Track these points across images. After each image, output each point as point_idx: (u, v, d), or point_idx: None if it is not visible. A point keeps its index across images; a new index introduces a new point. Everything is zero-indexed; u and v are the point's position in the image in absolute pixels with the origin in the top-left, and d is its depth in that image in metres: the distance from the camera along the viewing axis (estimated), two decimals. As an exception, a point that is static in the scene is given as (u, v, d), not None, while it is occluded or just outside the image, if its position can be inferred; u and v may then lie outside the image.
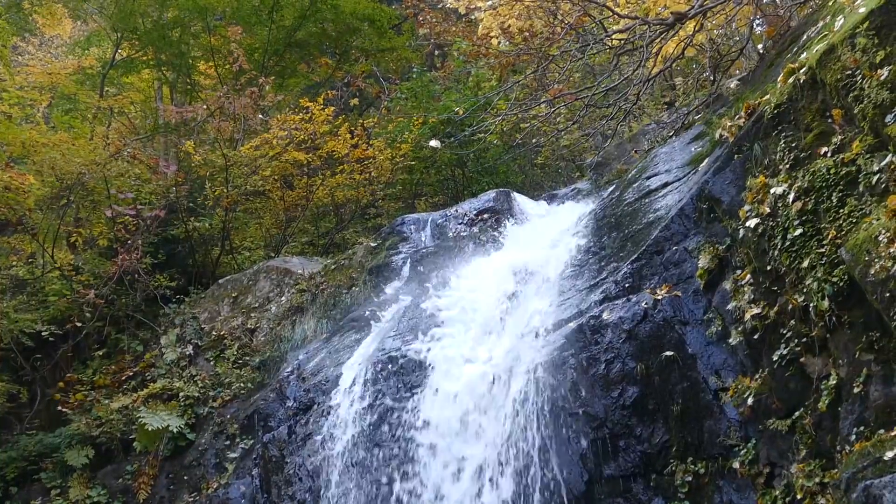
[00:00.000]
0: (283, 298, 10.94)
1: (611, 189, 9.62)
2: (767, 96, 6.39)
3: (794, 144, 5.83)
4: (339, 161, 13.71)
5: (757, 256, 5.98)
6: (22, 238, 12.22)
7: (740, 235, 6.18)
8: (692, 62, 15.81)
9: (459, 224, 10.41)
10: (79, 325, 11.15)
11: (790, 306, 5.52)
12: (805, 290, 5.37)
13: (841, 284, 5.07)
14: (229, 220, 13.25)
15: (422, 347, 8.01)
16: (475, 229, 10.24)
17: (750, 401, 5.81)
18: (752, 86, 8.24)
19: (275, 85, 14.98)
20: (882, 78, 5.01)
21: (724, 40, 12.83)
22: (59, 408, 10.52)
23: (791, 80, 5.96)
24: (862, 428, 4.82)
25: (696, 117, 10.20)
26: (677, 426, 6.22)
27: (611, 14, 10.03)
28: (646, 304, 6.62)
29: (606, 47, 10.61)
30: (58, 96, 17.25)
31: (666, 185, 8.02)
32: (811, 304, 5.28)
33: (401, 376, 7.89)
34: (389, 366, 8.02)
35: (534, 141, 13.71)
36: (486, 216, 10.39)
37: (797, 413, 5.48)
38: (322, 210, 15.08)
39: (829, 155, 5.46)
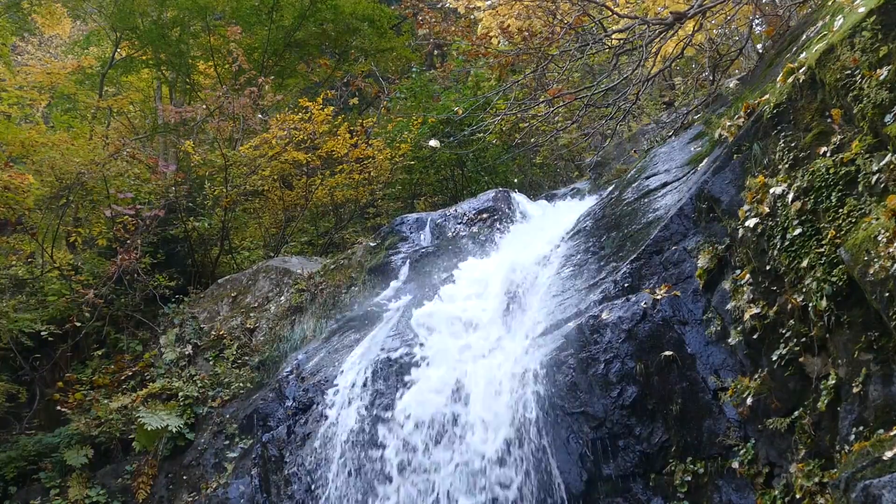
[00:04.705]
0: (282, 298, 10.94)
1: (610, 189, 9.62)
2: (767, 96, 6.40)
3: (793, 144, 5.83)
4: (338, 161, 13.71)
5: (756, 256, 5.98)
6: (21, 238, 12.22)
7: (739, 235, 6.18)
8: (691, 62, 15.84)
9: (459, 224, 10.41)
10: (78, 324, 11.14)
11: (789, 306, 5.52)
12: (804, 289, 5.37)
13: (840, 284, 5.07)
14: (228, 220, 13.25)
15: (420, 347, 8.00)
16: (474, 229, 10.24)
17: (749, 400, 5.81)
18: (752, 85, 8.25)
19: (274, 85, 14.98)
20: (881, 77, 5.01)
21: (724, 40, 12.84)
22: (59, 408, 10.51)
23: (790, 79, 5.97)
24: (861, 428, 4.82)
25: (696, 117, 10.21)
26: (676, 426, 6.22)
27: (610, 14, 10.03)
28: (645, 303, 6.62)
29: (606, 47, 10.62)
30: (57, 96, 17.25)
31: (665, 184, 8.02)
32: (810, 304, 5.29)
33: (399, 376, 7.88)
34: (388, 365, 8.02)
35: (533, 140, 13.71)
36: (485, 216, 10.39)
37: (796, 413, 5.48)
38: (321, 210, 15.08)
39: (828, 155, 5.46)
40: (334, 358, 9.01)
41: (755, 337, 5.87)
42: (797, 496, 5.28)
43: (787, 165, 5.82)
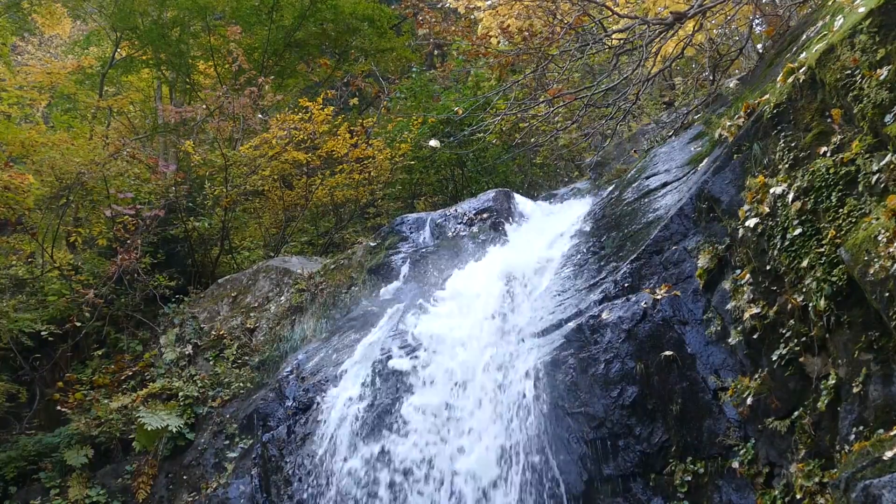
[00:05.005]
0: (282, 298, 10.94)
1: (610, 189, 9.62)
2: (767, 96, 6.40)
3: (793, 144, 5.83)
4: (338, 161, 13.71)
5: (756, 256, 5.98)
6: (21, 238, 12.22)
7: (740, 235, 6.19)
8: (691, 62, 15.84)
9: (459, 224, 10.41)
10: (78, 324, 11.14)
11: (789, 306, 5.52)
12: (804, 289, 5.37)
13: (840, 284, 5.07)
14: (228, 220, 13.24)
15: (420, 348, 8.00)
16: (474, 229, 10.24)
17: (749, 400, 5.81)
18: (752, 85, 8.25)
19: (274, 85, 14.97)
20: (881, 77, 5.01)
21: (724, 40, 12.85)
22: (59, 407, 10.51)
23: (790, 79, 5.97)
24: (861, 428, 4.82)
25: (696, 117, 10.21)
26: (676, 426, 6.23)
27: (610, 14, 10.03)
28: (645, 303, 6.63)
29: (606, 47, 10.62)
30: (57, 96, 17.24)
31: (665, 184, 8.02)
32: (810, 304, 5.29)
33: (399, 376, 7.88)
34: (388, 365, 8.02)
35: (533, 140, 13.71)
36: (485, 216, 10.39)
37: (796, 413, 5.49)
38: (321, 210, 15.07)
39: (828, 155, 5.46)
40: (334, 358, 9.01)
41: (755, 337, 5.87)
42: (797, 496, 5.28)
43: (787, 165, 5.82)
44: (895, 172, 4.86)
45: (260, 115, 14.56)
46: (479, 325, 7.83)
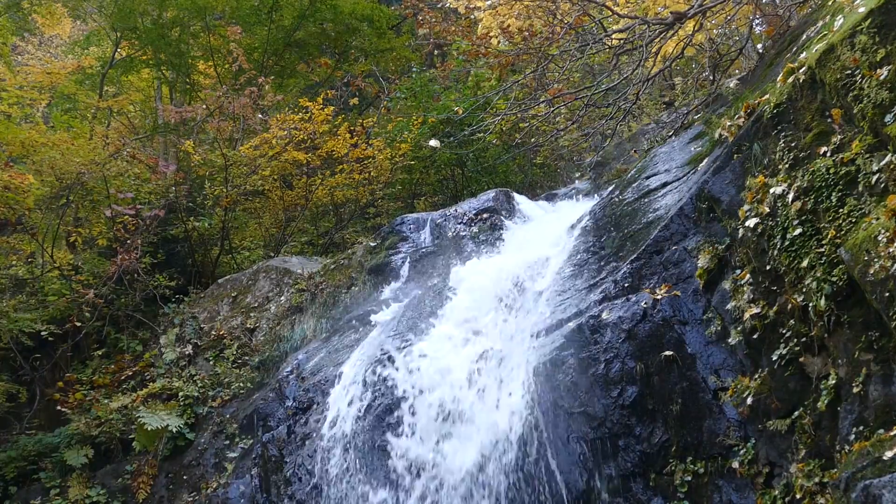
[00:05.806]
0: (282, 298, 10.94)
1: (610, 189, 9.62)
2: (767, 96, 6.40)
3: (793, 144, 5.83)
4: (338, 161, 13.72)
5: (756, 256, 5.98)
6: (21, 238, 12.22)
7: (740, 235, 6.19)
8: (691, 62, 15.86)
9: (459, 224, 10.41)
10: (78, 324, 11.14)
11: (789, 306, 5.52)
12: (804, 289, 5.37)
13: (840, 284, 5.07)
14: (228, 220, 13.25)
15: (420, 348, 8.00)
16: (474, 229, 10.24)
17: (749, 400, 5.81)
18: (752, 85, 8.25)
19: (274, 84, 14.98)
20: (881, 77, 5.01)
21: (724, 40, 12.85)
22: (59, 407, 10.51)
23: (790, 79, 5.97)
24: (861, 428, 4.82)
25: (696, 117, 10.21)
26: (677, 426, 6.22)
27: (610, 14, 10.04)
28: (645, 303, 6.62)
29: (606, 47, 10.62)
30: (57, 96, 17.25)
31: (665, 184, 8.02)
32: (810, 304, 5.29)
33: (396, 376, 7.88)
34: (388, 366, 8.02)
35: (533, 140, 13.71)
36: (485, 216, 10.39)
37: (796, 413, 5.48)
38: (321, 210, 15.08)
39: (828, 155, 5.46)
40: (334, 358, 9.01)
41: (755, 337, 5.87)
42: (797, 496, 5.28)
43: (787, 165, 5.82)
44: (895, 172, 4.87)
45: (260, 115, 14.56)
46: (481, 323, 7.86)
